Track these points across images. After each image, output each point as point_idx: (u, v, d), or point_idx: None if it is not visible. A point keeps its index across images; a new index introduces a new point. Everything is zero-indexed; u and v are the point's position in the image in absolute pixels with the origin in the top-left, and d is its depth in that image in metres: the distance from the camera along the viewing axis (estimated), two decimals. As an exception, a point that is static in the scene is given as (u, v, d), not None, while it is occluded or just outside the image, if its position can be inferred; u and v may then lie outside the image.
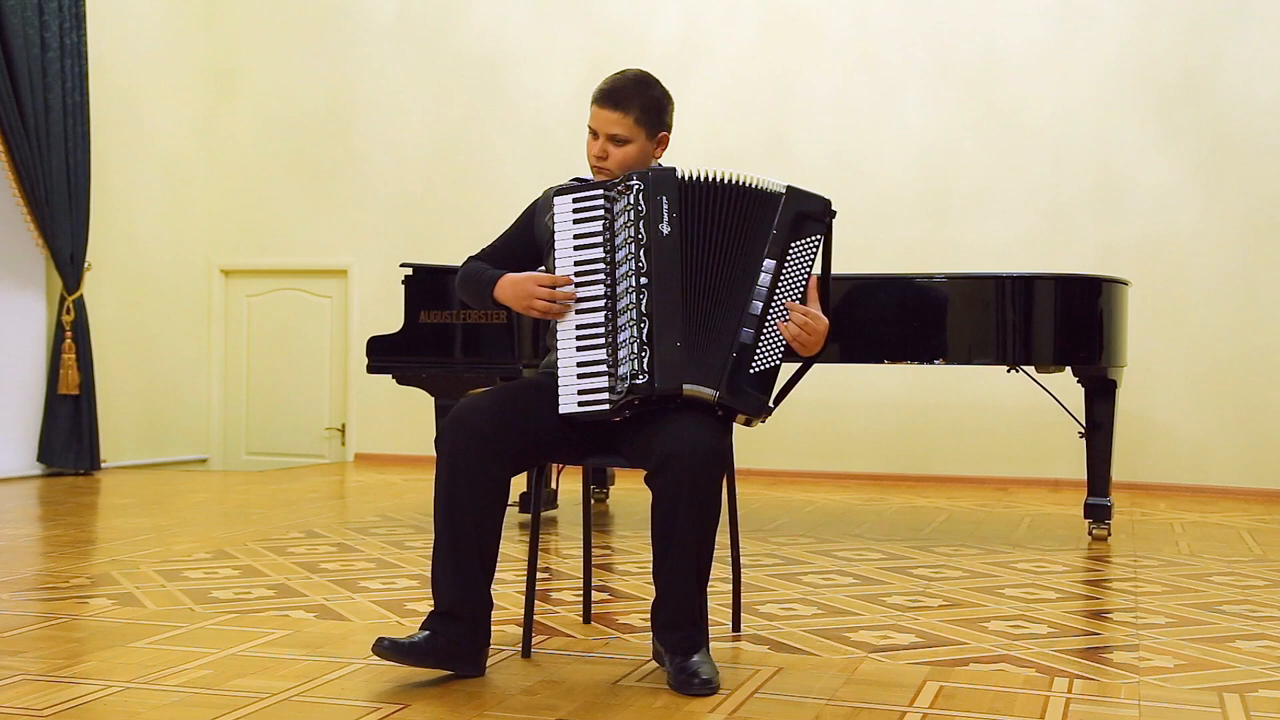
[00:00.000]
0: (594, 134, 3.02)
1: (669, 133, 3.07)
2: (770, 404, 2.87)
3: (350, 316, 8.57)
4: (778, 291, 2.86)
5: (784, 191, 2.89)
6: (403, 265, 5.49)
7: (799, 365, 2.98)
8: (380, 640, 2.73)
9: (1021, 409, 6.90)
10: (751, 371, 2.83)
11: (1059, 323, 4.97)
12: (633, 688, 2.74)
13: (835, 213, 2.93)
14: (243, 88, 8.78)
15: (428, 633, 2.75)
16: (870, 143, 7.58)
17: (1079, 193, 7.25)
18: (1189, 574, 4.32)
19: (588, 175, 3.07)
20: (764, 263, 2.86)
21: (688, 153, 3.02)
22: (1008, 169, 7.37)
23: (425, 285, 5.39)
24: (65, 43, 7.31)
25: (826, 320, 2.90)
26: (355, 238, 8.56)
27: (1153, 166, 7.14)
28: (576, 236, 2.86)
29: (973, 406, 7.33)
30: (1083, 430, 5.13)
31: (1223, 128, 7.02)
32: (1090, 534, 5.10)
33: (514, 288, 2.91)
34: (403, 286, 5.43)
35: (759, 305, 2.84)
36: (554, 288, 2.85)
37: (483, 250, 3.14)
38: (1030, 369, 5.07)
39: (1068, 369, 5.04)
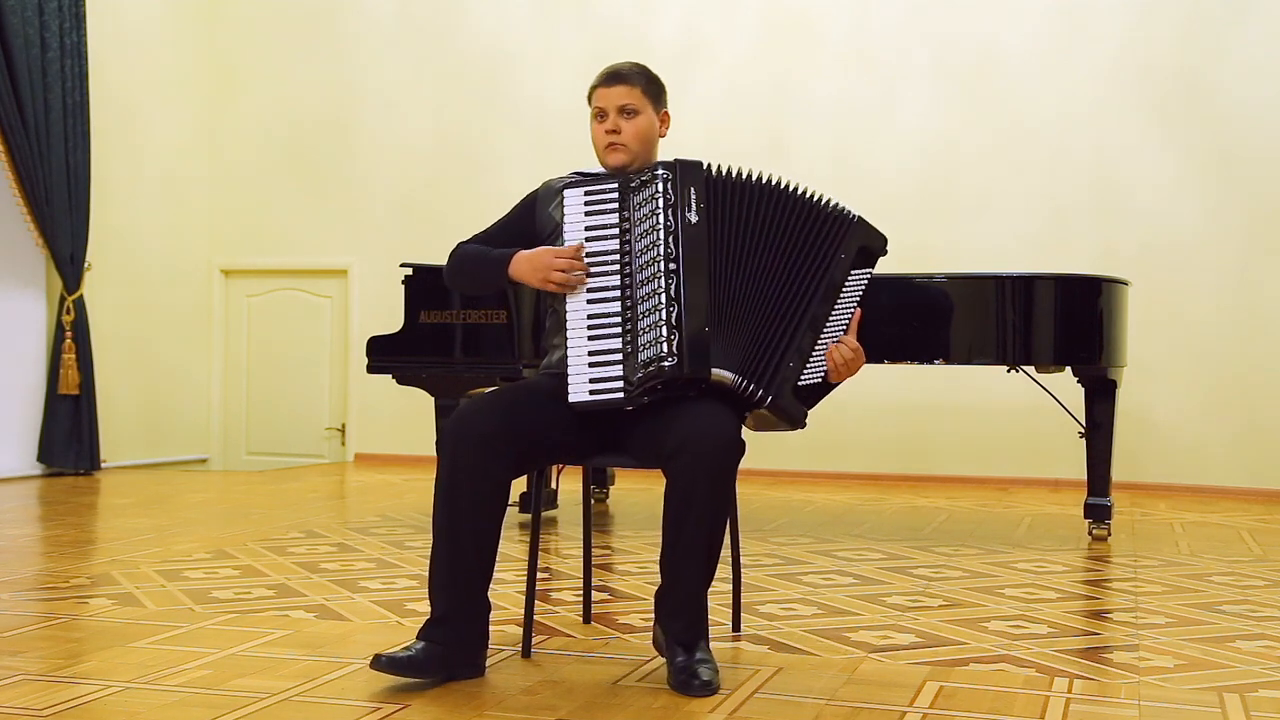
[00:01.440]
0: (601, 115, 3.02)
1: (668, 114, 3.10)
2: (806, 419, 2.90)
3: (350, 316, 8.57)
4: (835, 312, 2.89)
5: (856, 220, 2.93)
6: (403, 265, 5.49)
7: (819, 382, 2.97)
8: (378, 657, 2.70)
9: (1021, 409, 6.89)
10: (800, 383, 2.86)
11: (1059, 323, 4.96)
12: (633, 688, 2.74)
13: (887, 251, 2.96)
14: (243, 88, 8.78)
15: (424, 643, 2.74)
16: (870, 143, 7.57)
17: (1078, 193, 7.25)
18: (1189, 574, 4.32)
19: (588, 171, 3.07)
20: (826, 279, 2.89)
21: (687, 153, 3.01)
22: (1007, 169, 7.37)
23: (425, 285, 5.39)
24: (65, 43, 7.31)
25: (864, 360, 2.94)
26: (355, 238, 8.56)
27: (1153, 166, 7.14)
28: (589, 229, 2.85)
29: (973, 406, 7.33)
30: (1083, 430, 5.13)
31: (1223, 128, 7.02)
32: (1090, 534, 5.10)
33: (529, 262, 2.89)
34: (403, 286, 5.43)
35: (818, 321, 2.88)
36: (570, 259, 2.84)
37: (475, 236, 3.12)
38: (1030, 369, 5.07)
39: (1068, 369, 5.04)
